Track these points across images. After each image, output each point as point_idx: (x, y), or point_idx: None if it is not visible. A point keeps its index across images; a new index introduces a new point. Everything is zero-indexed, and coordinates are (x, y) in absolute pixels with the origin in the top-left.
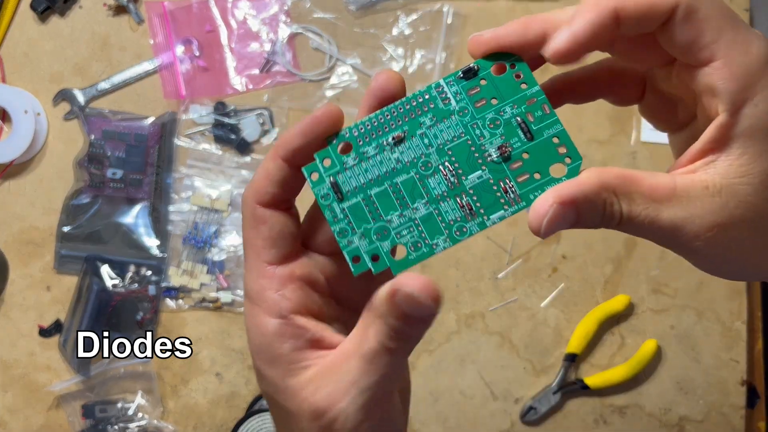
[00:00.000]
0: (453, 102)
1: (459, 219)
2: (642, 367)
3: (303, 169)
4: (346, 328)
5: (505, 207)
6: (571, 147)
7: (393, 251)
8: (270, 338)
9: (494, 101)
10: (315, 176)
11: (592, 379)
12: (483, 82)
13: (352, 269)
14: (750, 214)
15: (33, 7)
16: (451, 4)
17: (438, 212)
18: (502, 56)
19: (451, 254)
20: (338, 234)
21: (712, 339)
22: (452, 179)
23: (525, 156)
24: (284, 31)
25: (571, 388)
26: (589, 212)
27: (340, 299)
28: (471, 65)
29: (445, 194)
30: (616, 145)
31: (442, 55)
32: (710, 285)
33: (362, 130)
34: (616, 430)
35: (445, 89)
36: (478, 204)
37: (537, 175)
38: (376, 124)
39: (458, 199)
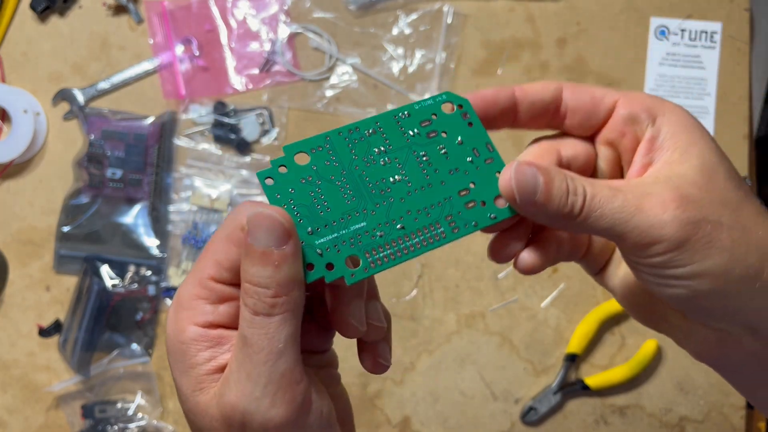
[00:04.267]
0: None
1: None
2: (642, 368)
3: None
4: None
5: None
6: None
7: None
8: (187, 344)
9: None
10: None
11: (593, 380)
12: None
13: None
14: (702, 194)
15: (32, 6)
16: (451, 3)
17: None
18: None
19: (451, 254)
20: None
21: None
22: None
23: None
24: (284, 31)
25: (572, 388)
26: (554, 186)
27: None
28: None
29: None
30: None
31: (442, 54)
32: None
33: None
34: (616, 431)
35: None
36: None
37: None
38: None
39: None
